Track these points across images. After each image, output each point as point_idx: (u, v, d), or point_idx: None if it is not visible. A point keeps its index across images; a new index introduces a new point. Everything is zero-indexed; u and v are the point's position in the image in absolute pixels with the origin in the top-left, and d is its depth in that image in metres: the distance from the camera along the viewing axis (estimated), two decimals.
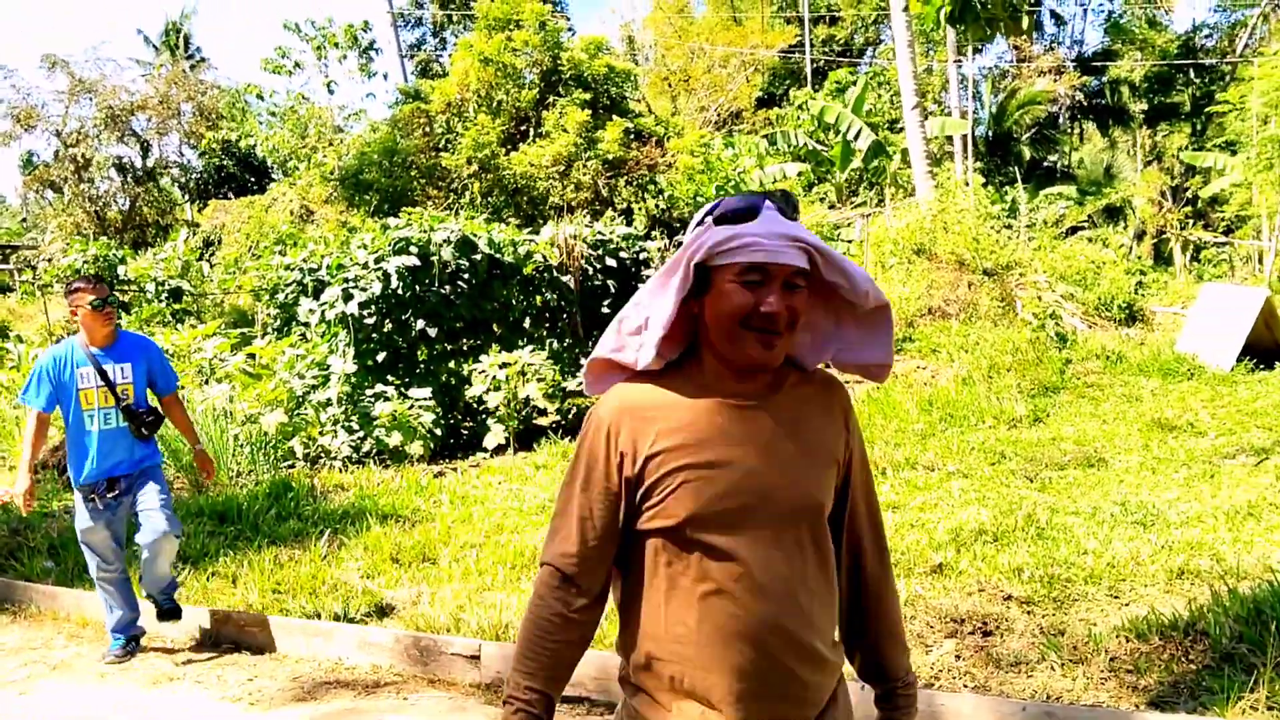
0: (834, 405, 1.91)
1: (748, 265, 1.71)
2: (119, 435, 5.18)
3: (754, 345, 1.74)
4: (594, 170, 18.18)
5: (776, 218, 1.76)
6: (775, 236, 1.72)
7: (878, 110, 28.37)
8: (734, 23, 40.29)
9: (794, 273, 1.73)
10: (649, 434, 1.77)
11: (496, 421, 9.47)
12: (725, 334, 1.76)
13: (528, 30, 19.83)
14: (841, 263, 1.81)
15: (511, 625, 4.94)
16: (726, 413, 1.79)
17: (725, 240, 1.74)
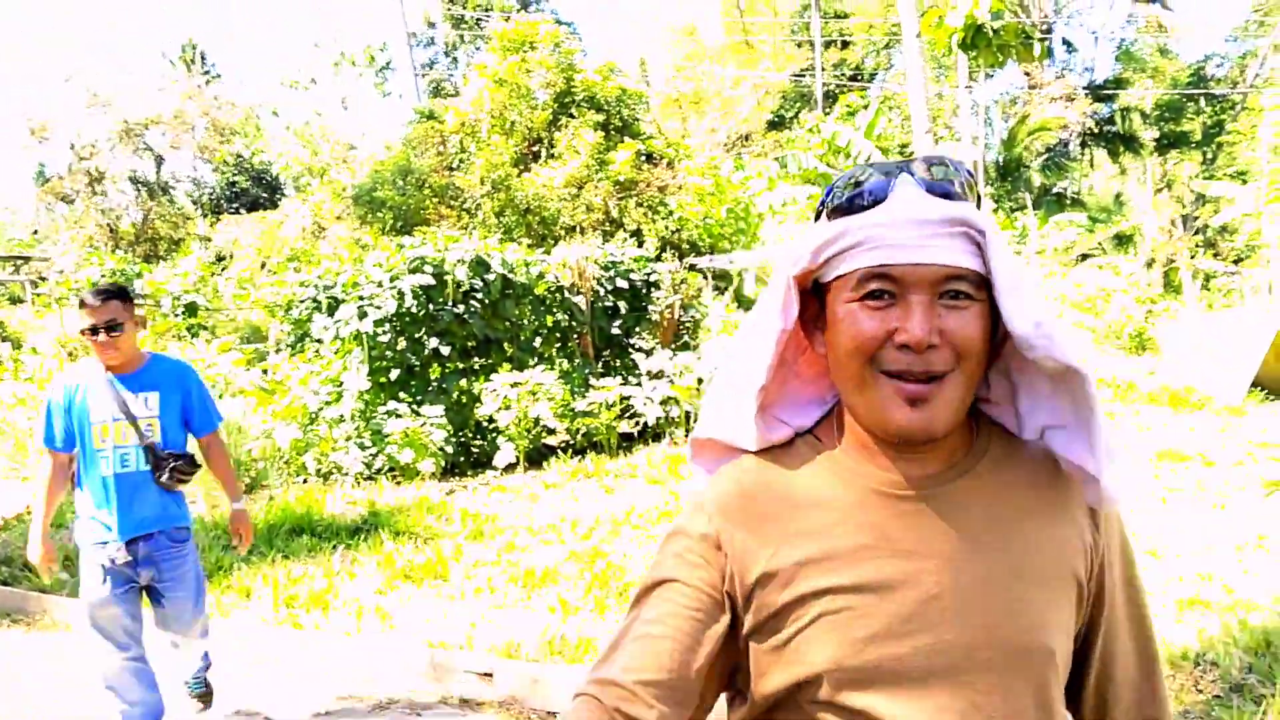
0: (1068, 488, 1.26)
1: (866, 272, 1.16)
2: (140, 482, 4.06)
3: (892, 401, 1.16)
4: (605, 192, 18.28)
5: (918, 195, 1.17)
6: (911, 223, 1.15)
7: (888, 135, 28.49)
8: (746, 46, 40.48)
9: (947, 277, 1.14)
10: (768, 541, 1.22)
11: (507, 440, 9.52)
12: (850, 384, 1.20)
13: (542, 52, 19.97)
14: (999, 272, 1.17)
15: (524, 644, 4.98)
16: (885, 508, 1.21)
17: (833, 238, 1.19)
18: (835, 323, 1.20)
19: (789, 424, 1.33)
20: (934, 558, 1.19)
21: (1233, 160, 33.12)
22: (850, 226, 1.18)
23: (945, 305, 1.14)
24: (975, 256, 1.16)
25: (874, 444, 1.23)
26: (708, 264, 16.94)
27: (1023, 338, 1.15)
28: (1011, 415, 1.30)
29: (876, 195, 1.18)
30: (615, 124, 20.02)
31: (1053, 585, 1.21)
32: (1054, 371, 1.20)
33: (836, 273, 1.20)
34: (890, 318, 1.14)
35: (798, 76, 38.22)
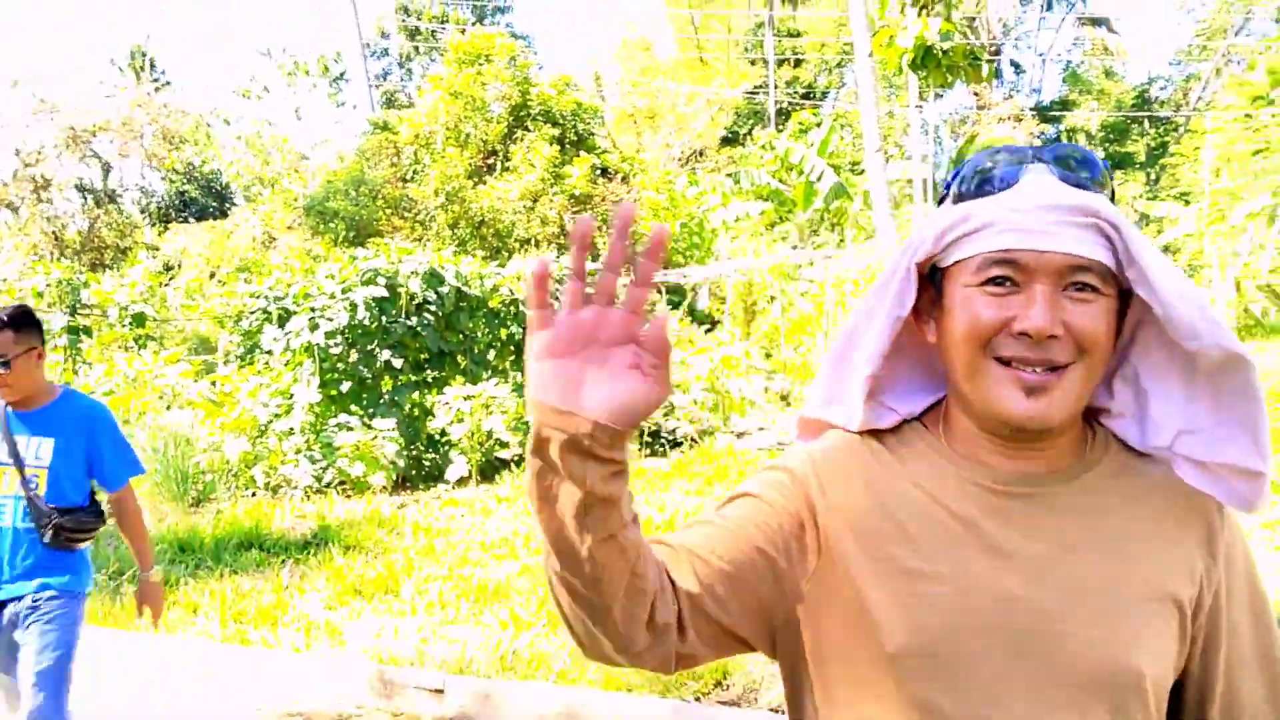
0: (1184, 513, 1.18)
1: (989, 257, 1.11)
2: (21, 539, 3.44)
3: (1006, 388, 1.11)
4: (560, 205, 18.30)
5: (1050, 183, 1.13)
6: (1040, 208, 1.11)
7: (840, 152, 28.76)
8: (700, 62, 40.72)
9: (1074, 267, 1.09)
10: (858, 504, 1.20)
11: (459, 454, 9.48)
12: (964, 370, 1.15)
13: (497, 65, 19.97)
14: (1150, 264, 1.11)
15: (475, 660, 4.96)
16: (981, 500, 1.17)
17: (957, 221, 1.15)
18: (951, 308, 1.16)
19: (896, 410, 1.28)
20: (1022, 559, 1.13)
21: (1176, 181, 33.76)
22: (975, 211, 1.14)
23: (1070, 297, 1.10)
24: (1106, 249, 1.11)
25: (980, 436, 1.19)
26: (661, 278, 16.99)
27: (1187, 326, 1.10)
28: (1134, 427, 1.23)
29: (1007, 181, 1.15)
30: (570, 138, 20.06)
31: (1149, 607, 1.13)
32: (1214, 364, 1.13)
33: (957, 257, 1.15)
34: (1010, 305, 1.10)
35: (751, 93, 38.49)
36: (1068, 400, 1.11)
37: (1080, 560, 1.13)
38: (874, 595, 1.14)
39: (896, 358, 1.26)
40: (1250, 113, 29.22)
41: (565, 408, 0.96)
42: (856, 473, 1.23)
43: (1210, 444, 1.16)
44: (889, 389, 1.28)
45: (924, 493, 1.19)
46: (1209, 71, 41.95)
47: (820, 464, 1.24)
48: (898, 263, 1.22)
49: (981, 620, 1.11)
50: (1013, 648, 1.10)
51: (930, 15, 20.65)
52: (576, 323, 0.98)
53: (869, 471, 1.23)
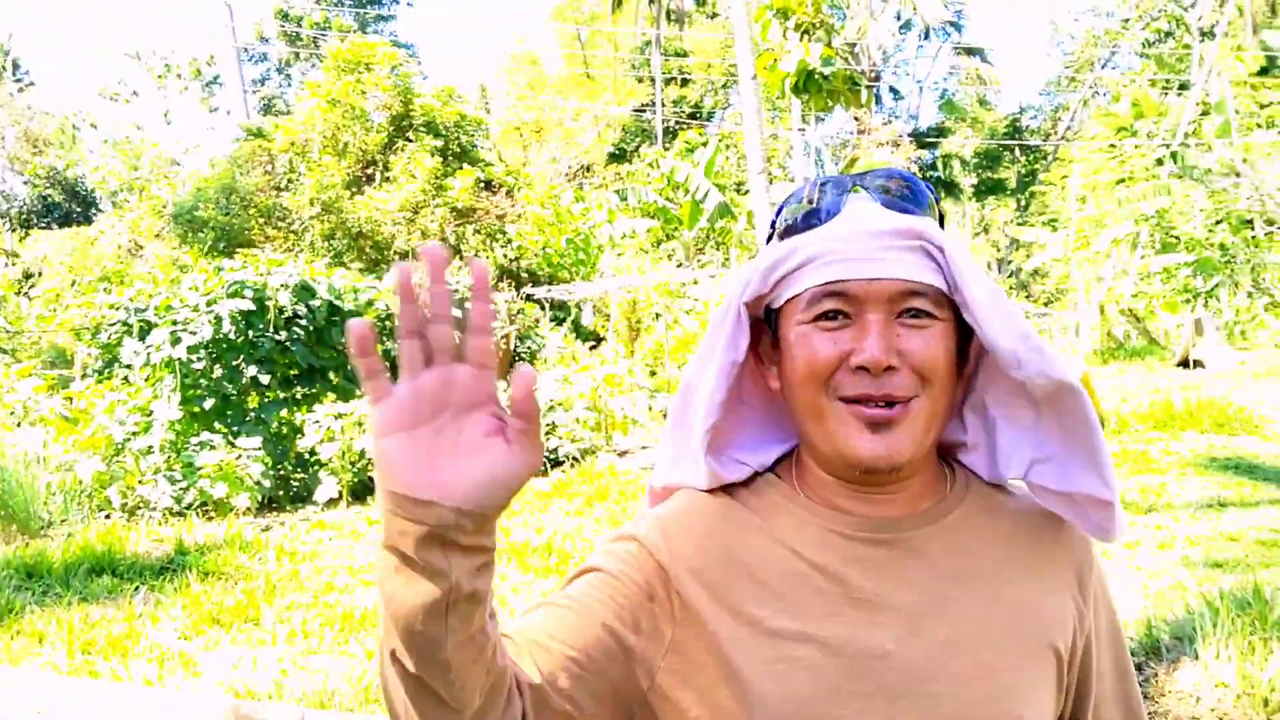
0: (1053, 553, 1.14)
1: (818, 290, 1.05)
2: None
3: (851, 427, 1.04)
4: (442, 218, 18.02)
5: (873, 209, 1.08)
6: (864, 234, 1.05)
7: (725, 172, 29.06)
8: (587, 78, 40.79)
9: (905, 293, 1.03)
10: (712, 569, 1.10)
11: (330, 474, 9.15)
12: (807, 412, 1.08)
13: (378, 74, 19.60)
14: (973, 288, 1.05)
15: (338, 692, 4.72)
16: (843, 551, 1.09)
17: (783, 257, 1.09)
18: (787, 349, 1.09)
19: (747, 463, 1.19)
20: (893, 611, 1.06)
21: (1044, 208, 35.09)
22: (800, 245, 1.08)
23: (904, 325, 1.04)
24: (935, 273, 1.05)
25: (835, 482, 1.12)
26: (545, 294, 16.84)
27: (1009, 354, 1.05)
28: (985, 459, 1.18)
29: (831, 211, 1.09)
30: (454, 149, 19.82)
31: (1027, 656, 1.08)
32: (1044, 393, 1.08)
33: (787, 294, 1.09)
34: (845, 339, 1.04)
35: (639, 111, 38.72)
36: (914, 434, 1.05)
37: (953, 608, 1.07)
38: (737, 662, 1.05)
39: (741, 409, 1.19)
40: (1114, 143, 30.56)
41: (419, 494, 0.80)
42: (709, 532, 1.13)
43: (1063, 472, 1.11)
44: (736, 441, 1.19)
45: (783, 547, 1.11)
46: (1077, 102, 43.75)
47: (669, 527, 1.14)
48: (727, 308, 1.15)
49: (853, 681, 1.03)
50: (885, 711, 1.02)
51: (812, 41, 21.05)
52: (418, 389, 0.83)
53: (723, 529, 1.14)
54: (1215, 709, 3.88)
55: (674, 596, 1.09)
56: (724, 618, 1.07)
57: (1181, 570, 6.06)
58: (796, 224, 1.10)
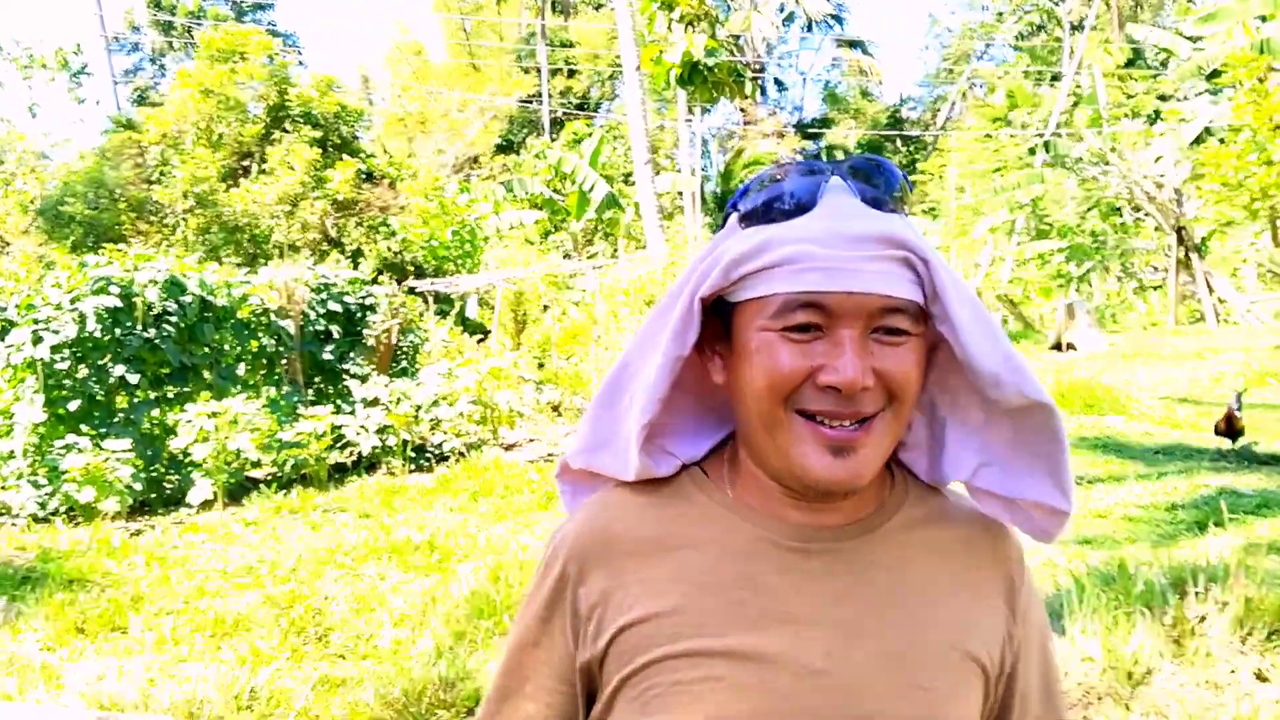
0: (987, 565, 1.10)
1: (791, 299, 0.96)
2: None
3: (809, 446, 0.98)
4: (322, 210, 17.65)
5: (850, 205, 0.99)
6: (845, 239, 0.96)
7: (612, 163, 29.07)
8: (473, 69, 40.38)
9: (885, 309, 0.97)
10: (629, 588, 1.05)
11: (204, 475, 8.88)
12: (761, 423, 1.01)
13: (253, 63, 19.09)
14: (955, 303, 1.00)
15: (209, 700, 4.57)
16: (773, 561, 1.04)
17: (750, 253, 0.99)
18: (745, 352, 1.00)
19: (676, 455, 1.12)
20: (824, 626, 1.01)
21: (925, 197, 35.95)
22: (772, 239, 0.97)
23: (879, 341, 0.97)
24: (915, 285, 0.98)
25: (776, 488, 1.05)
26: (429, 287, 16.62)
27: (991, 375, 1.00)
28: (925, 459, 1.12)
29: (801, 200, 0.99)
30: (334, 140, 19.43)
31: (958, 672, 1.03)
32: (1013, 408, 1.03)
33: (750, 294, 0.99)
34: (815, 353, 0.96)
35: (525, 102, 38.48)
36: (878, 454, 1.00)
37: (886, 624, 1.02)
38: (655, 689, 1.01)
39: (675, 396, 1.09)
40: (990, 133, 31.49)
41: None
42: (620, 553, 1.07)
43: (1011, 478, 1.07)
44: (666, 431, 1.12)
45: (709, 556, 1.05)
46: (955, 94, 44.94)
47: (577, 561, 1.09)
48: (677, 295, 1.06)
49: (781, 701, 0.98)
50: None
51: (696, 32, 21.19)
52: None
53: (642, 538, 1.08)
54: (1082, 683, 3.99)
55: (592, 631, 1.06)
56: (643, 642, 1.02)
57: (1051, 547, 6.26)
58: (765, 212, 1.00)
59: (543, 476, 8.76)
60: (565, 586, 1.08)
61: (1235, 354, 15.15)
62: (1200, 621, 4.10)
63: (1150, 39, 29.26)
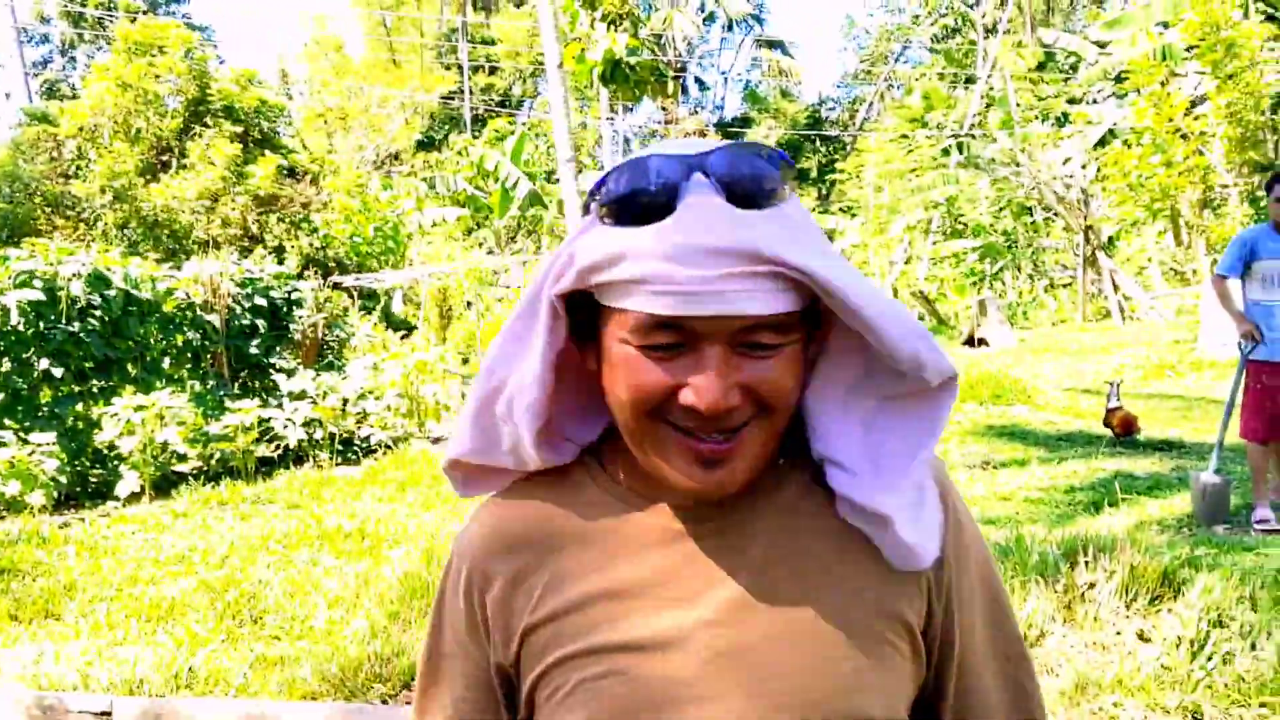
0: None
1: (648, 320, 0.90)
2: None
3: (680, 459, 0.94)
4: (243, 206, 17.52)
5: (714, 207, 0.90)
6: (705, 253, 0.88)
7: (535, 161, 29.17)
8: (393, 64, 40.08)
9: (752, 326, 0.90)
10: (531, 588, 1.03)
11: (131, 468, 8.88)
12: (629, 432, 0.97)
13: (172, 57, 18.85)
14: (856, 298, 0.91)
15: (147, 680, 4.69)
16: (664, 544, 1.01)
17: (604, 262, 0.92)
18: (609, 359, 0.95)
19: (573, 440, 1.09)
20: (721, 607, 0.97)
21: (843, 196, 36.55)
22: (627, 251, 0.90)
23: (745, 355, 0.91)
24: (788, 293, 0.90)
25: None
26: (354, 282, 16.62)
27: (910, 359, 0.94)
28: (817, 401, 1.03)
29: (662, 203, 0.90)
30: (254, 136, 19.26)
31: (871, 638, 0.97)
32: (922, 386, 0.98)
33: (611, 302, 0.93)
34: (677, 369, 0.91)
35: (447, 98, 38.30)
36: (751, 461, 0.95)
37: (786, 594, 0.97)
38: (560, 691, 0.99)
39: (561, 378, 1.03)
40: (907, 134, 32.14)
41: None
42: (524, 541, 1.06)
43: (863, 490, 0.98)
44: (557, 418, 1.06)
45: (604, 547, 1.02)
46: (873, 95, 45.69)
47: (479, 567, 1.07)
48: (535, 296, 1.01)
49: (684, 690, 0.95)
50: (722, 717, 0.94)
51: (619, 31, 21.37)
52: None
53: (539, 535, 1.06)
54: None
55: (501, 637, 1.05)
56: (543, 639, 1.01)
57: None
58: (622, 209, 0.92)
59: None
60: (471, 592, 1.06)
61: (1138, 348, 15.76)
62: (1089, 588, 4.39)
63: (1061, 43, 30.02)
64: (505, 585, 1.04)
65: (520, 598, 1.03)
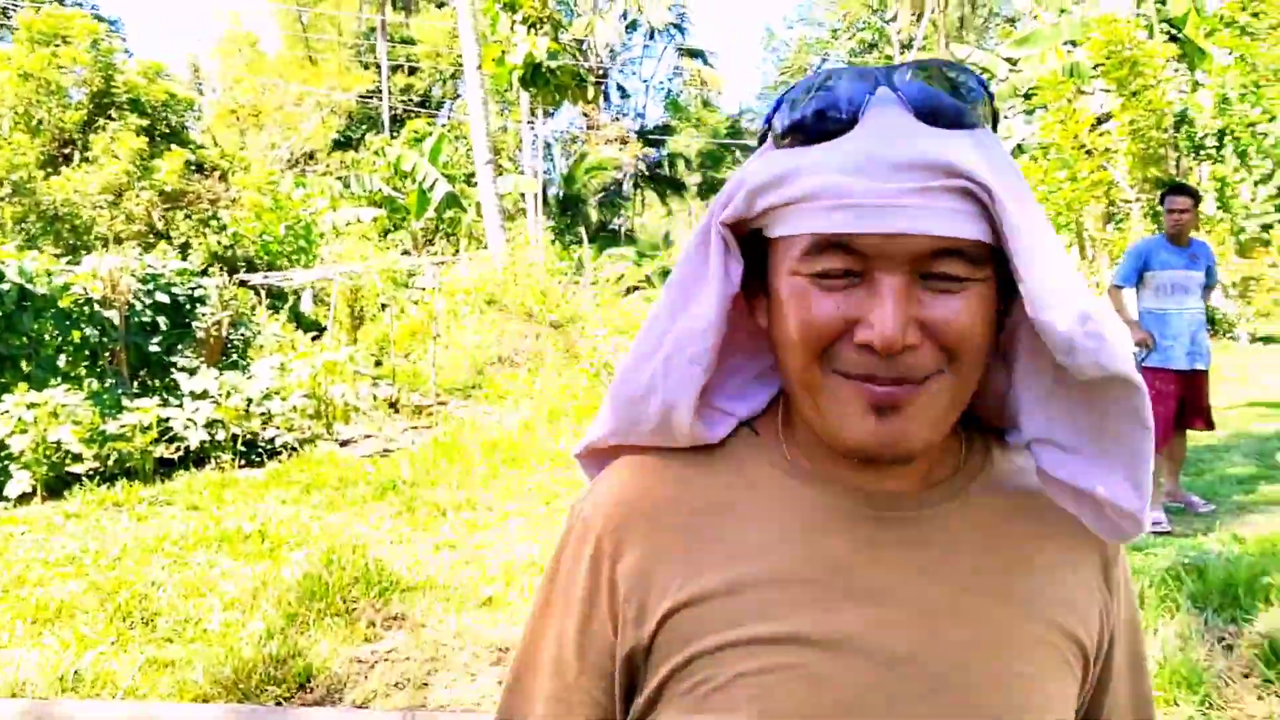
0: (1080, 532, 0.91)
1: (818, 240, 0.82)
2: None
3: (850, 407, 0.84)
4: (149, 201, 17.08)
5: (900, 122, 0.82)
6: (885, 167, 0.80)
7: (454, 163, 28.95)
8: (309, 62, 39.50)
9: (936, 251, 0.80)
10: (675, 564, 0.91)
11: (22, 468, 8.57)
12: (798, 381, 0.87)
13: (77, 47, 18.32)
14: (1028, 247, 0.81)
15: (30, 682, 4.52)
16: (843, 532, 0.90)
17: (773, 181, 0.85)
18: (778, 298, 0.86)
19: (733, 413, 0.98)
20: (907, 606, 0.87)
21: None
22: (800, 167, 0.82)
23: (930, 289, 0.81)
24: (977, 219, 0.81)
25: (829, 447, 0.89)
26: (261, 280, 16.29)
27: (1063, 340, 0.81)
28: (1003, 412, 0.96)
29: (842, 118, 0.82)
30: (162, 130, 18.80)
31: (1054, 656, 0.90)
32: (1088, 379, 0.84)
33: (780, 231, 0.85)
34: (852, 302, 0.81)
35: (365, 98, 37.87)
36: (932, 418, 0.84)
37: (974, 603, 0.88)
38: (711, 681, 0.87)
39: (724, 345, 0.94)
40: None
41: None
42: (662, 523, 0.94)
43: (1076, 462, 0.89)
44: (714, 388, 0.96)
45: (768, 527, 0.91)
46: None
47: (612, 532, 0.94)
48: (706, 228, 0.92)
49: (864, 695, 0.85)
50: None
51: (539, 35, 21.37)
52: None
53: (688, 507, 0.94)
54: None
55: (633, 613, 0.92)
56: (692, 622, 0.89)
57: None
58: (798, 130, 0.84)
59: (378, 470, 8.81)
60: (600, 563, 0.93)
61: None
62: None
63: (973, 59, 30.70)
64: (644, 557, 0.92)
65: (661, 573, 0.91)
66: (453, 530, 7.18)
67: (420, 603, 5.40)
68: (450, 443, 10.30)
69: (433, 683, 4.46)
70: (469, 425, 11.27)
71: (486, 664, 4.67)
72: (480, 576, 5.92)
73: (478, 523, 7.40)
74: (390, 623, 5.14)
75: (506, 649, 4.81)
